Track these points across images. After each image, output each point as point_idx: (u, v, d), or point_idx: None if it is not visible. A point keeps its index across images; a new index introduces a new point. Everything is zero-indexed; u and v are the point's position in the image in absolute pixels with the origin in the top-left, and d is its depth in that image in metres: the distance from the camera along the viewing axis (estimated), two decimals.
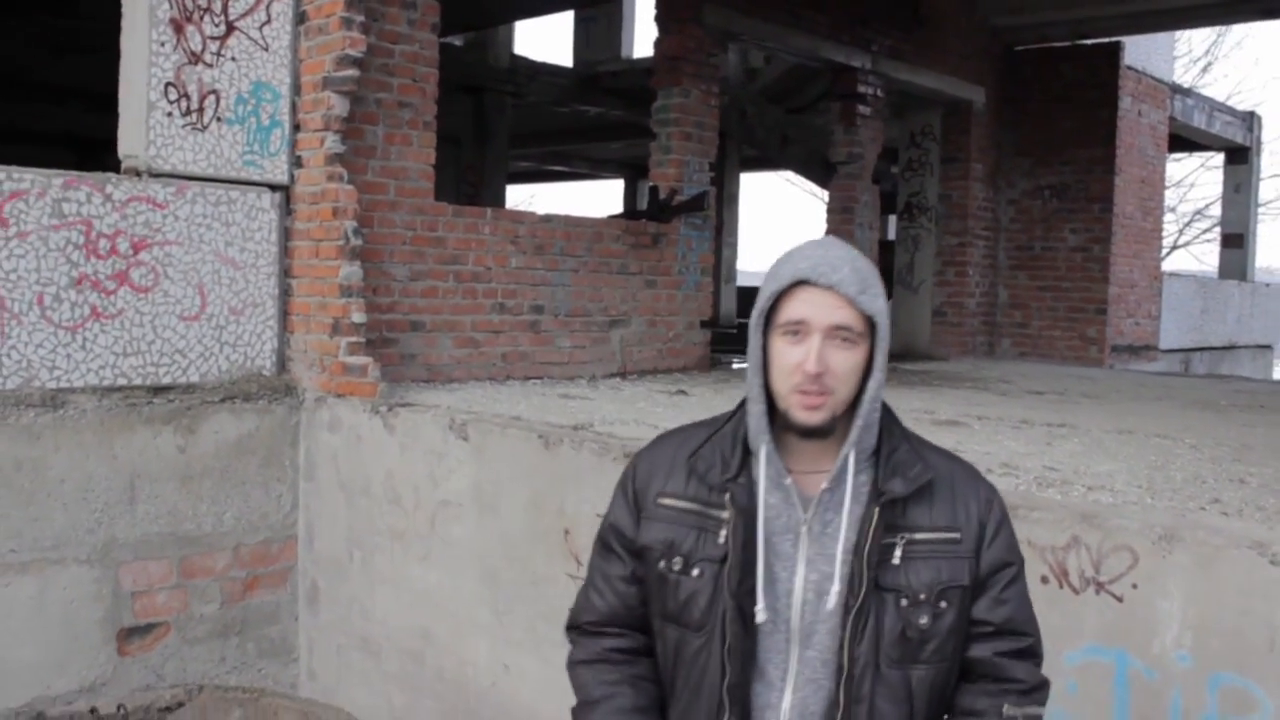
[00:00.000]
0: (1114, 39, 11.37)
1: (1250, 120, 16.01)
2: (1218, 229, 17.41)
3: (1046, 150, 11.51)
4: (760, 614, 1.88)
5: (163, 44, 5.53)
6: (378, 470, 5.57)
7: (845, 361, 1.85)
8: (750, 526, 1.90)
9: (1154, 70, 13.06)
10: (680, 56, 8.28)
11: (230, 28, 5.76)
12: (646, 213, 8.30)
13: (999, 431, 5.49)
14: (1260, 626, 3.10)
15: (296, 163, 6.06)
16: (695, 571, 1.93)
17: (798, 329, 1.85)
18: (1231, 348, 15.22)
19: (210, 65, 5.70)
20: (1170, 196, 22.62)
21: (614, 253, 7.81)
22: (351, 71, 5.87)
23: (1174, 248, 24.03)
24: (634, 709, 2.02)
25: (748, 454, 1.95)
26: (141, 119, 5.49)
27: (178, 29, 5.58)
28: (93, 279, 5.30)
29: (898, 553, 1.89)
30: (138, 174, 5.51)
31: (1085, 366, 10.77)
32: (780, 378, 1.88)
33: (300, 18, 6.04)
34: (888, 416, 1.98)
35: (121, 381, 5.42)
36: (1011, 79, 11.65)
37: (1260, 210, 19.24)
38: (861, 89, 9.79)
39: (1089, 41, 11.49)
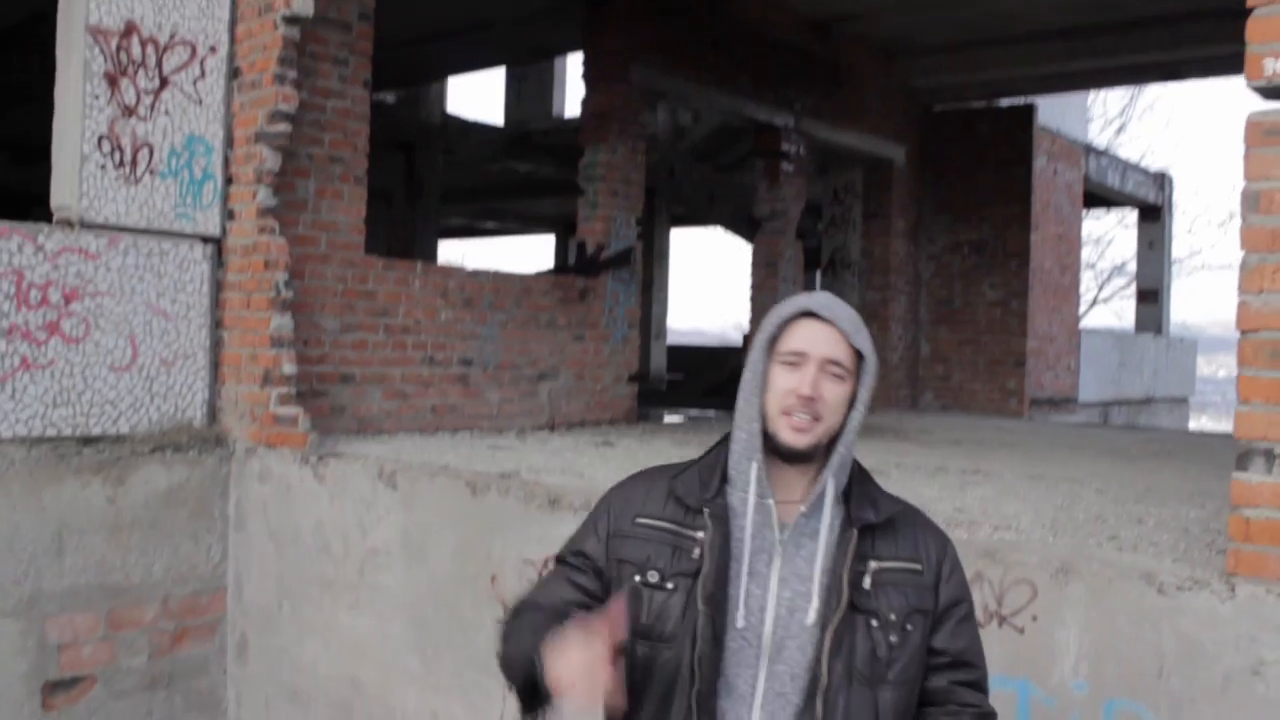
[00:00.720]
0: (1028, 100, 11.80)
1: (1161, 180, 16.60)
2: (1135, 285, 17.93)
3: (965, 207, 11.88)
4: (740, 619, 2.01)
5: (97, 97, 5.61)
6: (307, 520, 5.63)
7: (835, 393, 2.05)
8: (726, 541, 2.05)
9: (1069, 130, 13.56)
10: (607, 114, 8.50)
11: (164, 82, 5.86)
12: (574, 267, 8.47)
13: (914, 478, 5.68)
14: (1150, 653, 3.27)
15: (229, 215, 6.14)
16: (670, 585, 2.06)
17: (797, 359, 2.05)
18: (1149, 400, 15.67)
19: (144, 119, 5.79)
20: (1090, 253, 23.30)
21: (542, 306, 7.95)
22: (284, 126, 5.99)
23: (1094, 303, 24.68)
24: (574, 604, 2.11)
25: (725, 482, 2.12)
26: (74, 170, 5.56)
27: (112, 82, 5.66)
28: (23, 329, 5.34)
29: (868, 579, 2.05)
30: (70, 225, 5.56)
31: (1006, 418, 11.06)
32: (774, 399, 2.06)
33: (234, 73, 6.16)
34: (858, 467, 2.17)
35: (51, 432, 5.44)
36: (931, 138, 12.03)
37: (1174, 267, 19.88)
38: (784, 147, 10.08)
39: (1005, 102, 11.91)
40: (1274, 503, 3.17)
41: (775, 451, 2.07)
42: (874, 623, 2.03)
